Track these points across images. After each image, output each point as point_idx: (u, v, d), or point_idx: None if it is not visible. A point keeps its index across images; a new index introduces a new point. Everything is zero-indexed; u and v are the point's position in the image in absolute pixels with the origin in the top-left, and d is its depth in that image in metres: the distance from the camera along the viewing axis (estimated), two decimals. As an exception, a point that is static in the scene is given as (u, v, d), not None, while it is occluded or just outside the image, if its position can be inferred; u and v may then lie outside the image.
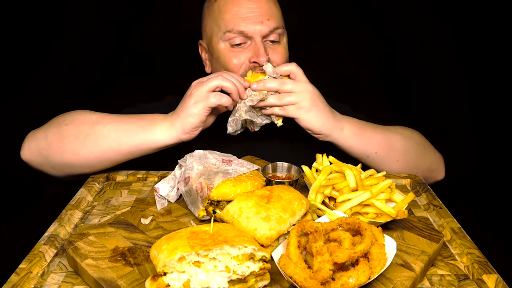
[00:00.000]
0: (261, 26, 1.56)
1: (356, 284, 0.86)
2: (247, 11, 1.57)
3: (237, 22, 1.57)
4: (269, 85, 1.45)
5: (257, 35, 1.56)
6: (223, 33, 1.59)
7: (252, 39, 1.58)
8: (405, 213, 1.13)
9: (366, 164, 1.60)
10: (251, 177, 1.22)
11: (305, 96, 1.46)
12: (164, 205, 1.27)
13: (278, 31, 1.61)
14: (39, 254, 1.06)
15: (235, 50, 1.60)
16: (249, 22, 1.56)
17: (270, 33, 1.59)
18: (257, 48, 1.56)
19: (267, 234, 1.04)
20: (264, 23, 1.57)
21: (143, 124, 1.46)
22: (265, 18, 1.57)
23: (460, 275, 1.05)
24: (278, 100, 1.46)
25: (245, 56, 1.59)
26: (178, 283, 0.87)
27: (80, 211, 1.30)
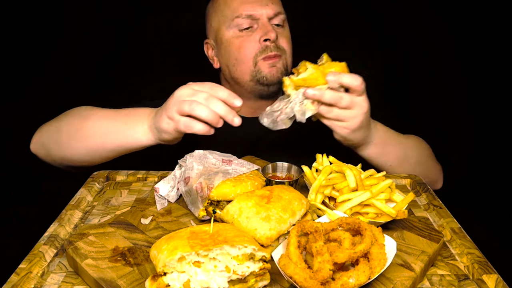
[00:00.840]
0: (267, 9, 1.66)
1: (356, 284, 0.86)
2: None
3: (245, 6, 1.66)
4: (326, 98, 1.33)
5: (264, 16, 1.66)
6: (231, 20, 1.67)
7: (259, 21, 1.66)
8: (405, 213, 1.13)
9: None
10: (251, 177, 1.22)
11: (357, 118, 1.38)
12: (164, 205, 1.27)
13: (281, 16, 1.71)
14: (39, 254, 1.06)
15: (244, 34, 1.67)
16: (256, 5, 1.66)
17: (274, 16, 1.69)
18: (265, 27, 1.64)
19: (267, 234, 1.04)
20: (269, 5, 1.67)
21: (128, 121, 1.43)
22: (269, 2, 1.68)
23: (460, 275, 1.05)
24: (328, 113, 1.37)
25: (254, 38, 1.65)
26: (178, 283, 0.87)
27: (80, 211, 1.30)
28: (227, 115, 1.24)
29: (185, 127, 1.26)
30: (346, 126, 1.39)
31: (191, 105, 1.23)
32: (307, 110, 1.35)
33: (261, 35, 1.65)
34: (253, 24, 1.67)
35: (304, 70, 1.36)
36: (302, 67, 1.37)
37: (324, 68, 1.34)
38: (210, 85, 1.27)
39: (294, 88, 1.36)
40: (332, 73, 1.32)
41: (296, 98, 1.35)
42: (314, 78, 1.33)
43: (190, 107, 1.23)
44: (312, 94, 1.32)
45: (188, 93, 1.27)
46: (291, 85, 1.36)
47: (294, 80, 1.35)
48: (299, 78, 1.34)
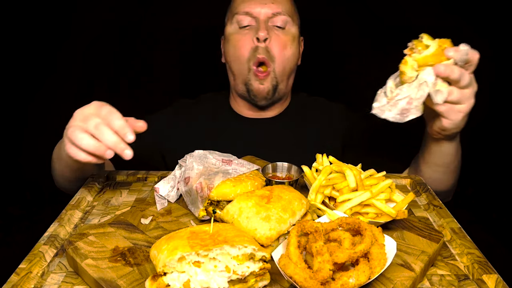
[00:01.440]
0: (265, 8, 1.66)
1: (356, 284, 0.86)
2: None
3: (244, 4, 1.69)
4: (455, 75, 1.16)
5: (262, 15, 1.66)
6: (233, 15, 1.71)
7: (258, 20, 1.66)
8: (405, 213, 1.13)
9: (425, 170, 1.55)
10: (251, 177, 1.22)
11: (471, 99, 1.25)
12: (164, 205, 1.27)
13: (282, 17, 1.67)
14: (39, 254, 1.06)
15: (241, 31, 1.69)
16: (255, 3, 1.67)
17: (274, 16, 1.67)
18: (259, 26, 1.64)
19: (267, 234, 1.04)
20: (268, 5, 1.66)
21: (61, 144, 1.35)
22: (269, 1, 1.66)
23: (460, 275, 1.05)
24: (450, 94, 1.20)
25: (249, 37, 1.67)
26: (178, 283, 0.87)
27: (80, 211, 1.29)
28: (116, 147, 1.14)
29: (72, 154, 1.18)
30: (461, 109, 1.25)
31: (74, 132, 1.15)
32: (441, 91, 1.18)
33: (253, 34, 1.66)
34: (252, 22, 1.68)
35: (422, 47, 1.18)
36: (419, 43, 1.19)
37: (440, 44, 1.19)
38: (108, 110, 1.17)
39: (416, 69, 1.18)
40: (455, 48, 1.18)
41: (428, 78, 1.17)
42: (438, 54, 1.17)
43: (73, 134, 1.15)
44: (444, 70, 1.15)
45: (82, 117, 1.18)
46: (413, 65, 1.18)
47: (419, 58, 1.17)
48: (425, 55, 1.17)
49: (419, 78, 1.17)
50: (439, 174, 1.55)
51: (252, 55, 1.66)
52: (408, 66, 1.18)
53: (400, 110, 1.19)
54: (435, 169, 1.54)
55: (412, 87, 1.18)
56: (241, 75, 1.72)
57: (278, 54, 1.67)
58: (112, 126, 1.15)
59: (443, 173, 1.55)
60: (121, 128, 1.15)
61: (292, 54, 1.72)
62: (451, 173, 1.56)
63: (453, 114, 1.25)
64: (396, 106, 1.19)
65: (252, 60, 1.67)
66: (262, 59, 1.65)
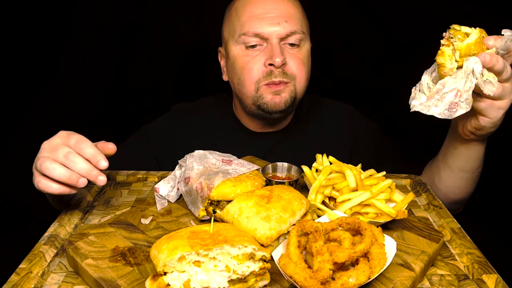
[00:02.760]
0: (278, 28, 1.47)
1: (356, 283, 0.86)
2: (264, 11, 1.49)
3: (253, 23, 1.49)
4: (499, 65, 1.07)
5: (273, 37, 1.48)
6: (238, 36, 1.52)
7: (268, 41, 1.49)
8: (405, 213, 1.13)
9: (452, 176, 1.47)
10: (251, 177, 1.22)
11: (511, 94, 1.14)
12: (164, 205, 1.27)
13: (297, 36, 1.51)
14: (39, 254, 1.06)
15: (250, 53, 1.52)
16: (266, 23, 1.48)
17: (287, 36, 1.50)
18: (272, 50, 1.46)
19: (267, 234, 1.04)
20: (281, 24, 1.47)
21: None
22: (282, 20, 1.48)
23: (460, 275, 1.05)
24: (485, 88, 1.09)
25: (260, 59, 1.50)
26: (178, 283, 0.87)
27: (80, 211, 1.30)
28: (89, 174, 1.10)
29: (43, 188, 1.13)
30: (501, 106, 1.15)
31: (44, 163, 1.10)
32: (491, 81, 1.08)
33: (266, 58, 1.49)
34: (262, 42, 1.50)
35: (462, 36, 1.09)
36: (457, 32, 1.10)
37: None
38: (77, 139, 1.13)
39: (457, 59, 1.09)
40: (495, 36, 1.09)
41: (475, 67, 1.06)
42: (480, 42, 1.08)
43: (43, 165, 1.10)
44: (490, 59, 1.05)
45: (50, 148, 1.14)
46: (453, 55, 1.09)
47: (462, 47, 1.08)
48: (468, 43, 1.08)
49: (465, 68, 1.07)
50: (462, 181, 1.45)
51: (263, 78, 1.51)
52: (446, 56, 1.09)
53: (448, 104, 1.07)
54: (460, 175, 1.43)
55: (458, 78, 1.07)
56: (248, 97, 1.57)
57: (298, 73, 1.54)
58: (83, 155, 1.11)
59: (466, 180, 1.45)
60: (93, 156, 1.11)
61: (308, 69, 1.60)
62: (474, 180, 1.46)
63: (493, 111, 1.15)
64: (443, 100, 1.08)
65: (263, 82, 1.52)
66: (278, 82, 1.50)
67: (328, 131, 1.78)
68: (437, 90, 1.09)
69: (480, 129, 1.23)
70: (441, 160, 1.48)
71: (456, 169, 1.43)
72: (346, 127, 1.79)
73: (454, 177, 1.45)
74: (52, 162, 1.10)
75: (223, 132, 1.76)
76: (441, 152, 1.49)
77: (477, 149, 1.35)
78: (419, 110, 1.12)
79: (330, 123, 1.79)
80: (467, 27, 1.10)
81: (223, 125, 1.77)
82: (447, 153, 1.44)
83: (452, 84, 1.08)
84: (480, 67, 1.06)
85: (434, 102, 1.09)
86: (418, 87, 1.17)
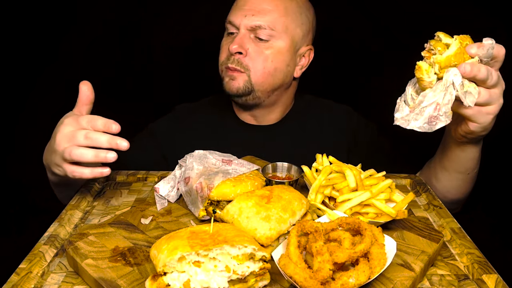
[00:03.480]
0: (246, 19, 1.60)
1: (356, 284, 0.86)
2: (243, 3, 1.63)
3: (232, 12, 1.66)
4: (482, 74, 1.07)
5: (242, 26, 1.61)
6: (226, 22, 1.69)
7: (239, 30, 1.62)
8: (405, 213, 1.13)
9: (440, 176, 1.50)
10: (251, 177, 1.22)
11: (500, 99, 1.16)
12: (164, 205, 1.27)
13: (265, 30, 1.59)
14: (39, 254, 1.06)
15: (227, 38, 1.69)
16: (238, 14, 1.62)
17: (255, 29, 1.60)
18: (237, 38, 1.61)
19: (267, 234, 1.04)
20: (249, 17, 1.59)
21: None
22: (250, 13, 1.59)
23: (460, 275, 1.05)
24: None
25: (227, 45, 1.64)
26: (178, 283, 0.87)
27: (80, 211, 1.30)
28: (111, 143, 1.15)
29: (78, 176, 1.20)
30: (490, 111, 1.16)
31: (71, 152, 1.15)
32: (471, 92, 1.08)
33: (229, 44, 1.63)
34: (236, 31, 1.64)
35: (442, 47, 1.08)
36: (437, 43, 1.09)
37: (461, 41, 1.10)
38: (87, 119, 1.18)
39: (437, 72, 1.08)
40: (477, 44, 1.08)
41: (454, 79, 1.06)
42: (461, 52, 1.07)
43: (72, 153, 1.15)
44: (470, 70, 1.05)
45: (68, 136, 1.18)
46: (433, 68, 1.08)
47: (441, 60, 1.06)
48: (447, 55, 1.07)
49: (445, 81, 1.07)
50: (458, 182, 1.47)
51: (226, 61, 1.64)
52: (423, 70, 1.08)
53: (427, 118, 1.08)
54: (455, 176, 1.46)
55: (438, 91, 1.07)
56: (220, 77, 1.71)
57: (254, 66, 1.61)
58: (98, 129, 1.16)
59: (462, 181, 1.47)
60: (105, 125, 1.16)
61: (276, 68, 1.63)
62: (470, 181, 1.48)
63: (482, 117, 1.16)
64: (423, 114, 1.08)
65: (224, 64, 1.65)
66: (232, 69, 1.62)
67: (325, 130, 1.81)
68: (419, 102, 1.10)
69: (471, 133, 1.25)
70: (438, 162, 1.50)
71: (452, 170, 1.45)
72: (344, 127, 1.82)
73: (450, 178, 1.48)
74: (78, 148, 1.15)
75: (225, 130, 1.81)
76: (437, 154, 1.52)
77: (471, 151, 1.37)
78: (400, 124, 1.12)
79: (327, 122, 1.83)
80: (449, 37, 1.09)
81: (223, 123, 1.83)
82: (442, 155, 1.47)
83: (431, 98, 1.08)
84: (460, 79, 1.06)
85: (414, 116, 1.10)
86: (403, 98, 1.17)
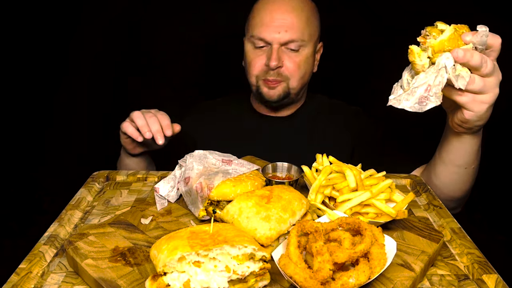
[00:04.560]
0: (279, 35, 1.73)
1: (356, 284, 0.86)
2: (270, 20, 1.74)
3: (260, 29, 1.75)
4: (475, 61, 1.09)
5: (274, 42, 1.74)
6: (250, 35, 1.81)
7: (271, 45, 1.75)
8: (405, 213, 1.13)
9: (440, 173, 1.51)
10: (251, 177, 1.22)
11: (496, 88, 1.17)
12: (164, 205, 1.27)
13: (295, 43, 1.75)
14: (39, 254, 1.06)
15: (256, 52, 1.80)
16: (270, 30, 1.73)
17: (287, 43, 1.74)
18: (271, 54, 1.73)
19: (267, 234, 1.04)
20: (281, 34, 1.72)
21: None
22: (283, 29, 1.72)
23: (460, 275, 1.05)
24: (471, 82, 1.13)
25: (262, 59, 1.78)
26: (178, 283, 0.87)
27: (80, 211, 1.30)
28: (156, 134, 1.51)
29: (125, 127, 1.57)
30: (484, 100, 1.17)
31: (135, 113, 1.56)
32: (462, 75, 1.11)
33: (266, 60, 1.76)
34: (266, 44, 1.76)
35: (437, 33, 1.12)
36: (433, 29, 1.13)
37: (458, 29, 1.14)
38: (162, 115, 1.58)
39: (430, 55, 1.12)
40: (472, 32, 1.11)
41: (446, 62, 1.09)
42: (455, 38, 1.10)
43: (134, 114, 1.56)
44: (463, 55, 1.08)
45: (145, 111, 1.57)
46: (427, 52, 1.12)
47: (434, 44, 1.11)
48: (441, 40, 1.11)
49: (437, 64, 1.10)
50: (456, 176, 1.48)
51: (262, 74, 1.79)
52: (415, 54, 1.12)
53: (418, 98, 1.11)
54: (453, 170, 1.47)
55: (429, 74, 1.11)
56: (253, 85, 1.86)
57: (292, 74, 1.78)
58: (159, 121, 1.53)
59: (460, 175, 1.48)
60: (165, 126, 1.54)
61: (306, 71, 1.82)
62: (469, 176, 1.49)
63: (476, 105, 1.18)
64: (414, 94, 1.12)
65: (261, 77, 1.80)
66: (272, 80, 1.77)
67: (333, 128, 1.92)
68: (412, 84, 1.13)
69: (466, 122, 1.26)
70: (437, 156, 1.53)
71: (450, 163, 1.47)
72: (351, 127, 1.92)
73: (448, 172, 1.49)
74: (141, 114, 1.54)
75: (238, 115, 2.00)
76: (438, 148, 1.54)
77: (468, 142, 1.38)
78: (392, 104, 1.15)
79: (335, 121, 1.94)
80: (444, 24, 1.13)
81: (239, 109, 2.03)
82: (442, 147, 1.49)
83: (423, 79, 1.11)
84: (451, 62, 1.09)
85: (405, 96, 1.13)
86: (399, 83, 1.20)
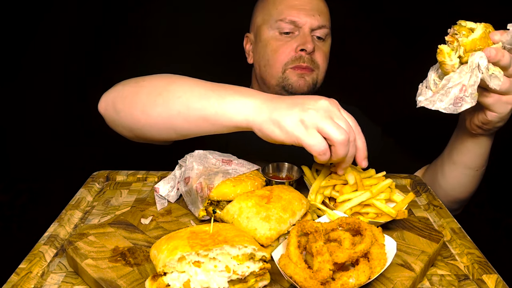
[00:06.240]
0: (312, 19, 1.65)
1: (356, 284, 0.86)
2: (300, 3, 1.67)
3: (291, 11, 1.66)
4: (506, 60, 1.08)
5: (307, 25, 1.65)
6: (274, 21, 1.68)
7: (301, 29, 1.66)
8: (405, 213, 1.13)
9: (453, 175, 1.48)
10: (251, 177, 1.22)
11: None
12: (164, 205, 1.27)
13: (324, 30, 1.69)
14: (39, 254, 1.06)
15: (283, 38, 1.68)
16: (302, 13, 1.65)
17: (318, 28, 1.67)
18: (305, 37, 1.64)
19: (267, 234, 1.04)
20: (315, 16, 1.66)
21: (224, 93, 1.15)
22: (316, 13, 1.66)
23: (460, 275, 1.05)
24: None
25: (291, 45, 1.66)
26: (178, 283, 0.87)
27: (80, 211, 1.30)
28: (348, 160, 1.07)
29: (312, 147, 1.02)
30: (508, 101, 1.15)
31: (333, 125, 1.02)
32: (496, 75, 1.09)
33: (298, 44, 1.65)
34: (295, 30, 1.67)
35: (466, 31, 1.09)
36: (461, 28, 1.10)
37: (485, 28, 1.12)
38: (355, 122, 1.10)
39: (462, 55, 1.09)
40: (501, 31, 1.09)
41: (480, 62, 1.06)
42: (485, 37, 1.09)
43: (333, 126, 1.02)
44: (495, 54, 1.06)
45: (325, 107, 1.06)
46: (458, 51, 1.09)
47: (467, 42, 1.08)
48: (473, 38, 1.08)
49: (470, 63, 1.07)
50: (465, 179, 1.46)
51: (291, 61, 1.66)
52: (444, 54, 1.10)
53: (453, 99, 1.07)
54: (464, 172, 1.44)
55: (463, 73, 1.08)
56: (274, 78, 1.70)
57: (321, 63, 1.71)
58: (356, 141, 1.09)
59: (469, 177, 1.45)
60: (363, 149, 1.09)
61: (327, 62, 1.76)
62: (476, 178, 1.47)
63: (501, 106, 1.16)
64: (448, 95, 1.08)
65: (290, 65, 1.66)
66: (305, 67, 1.65)
67: None
68: (443, 86, 1.10)
69: (487, 123, 1.24)
70: (446, 156, 1.50)
71: (461, 165, 1.44)
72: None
73: (458, 174, 1.46)
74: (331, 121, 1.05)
75: None
76: (447, 149, 1.51)
77: (484, 144, 1.36)
78: (425, 105, 1.11)
79: None
80: (472, 23, 1.11)
81: None
82: (453, 148, 1.46)
83: (457, 79, 1.08)
84: (485, 62, 1.07)
85: (439, 97, 1.09)
86: (425, 84, 1.18)
